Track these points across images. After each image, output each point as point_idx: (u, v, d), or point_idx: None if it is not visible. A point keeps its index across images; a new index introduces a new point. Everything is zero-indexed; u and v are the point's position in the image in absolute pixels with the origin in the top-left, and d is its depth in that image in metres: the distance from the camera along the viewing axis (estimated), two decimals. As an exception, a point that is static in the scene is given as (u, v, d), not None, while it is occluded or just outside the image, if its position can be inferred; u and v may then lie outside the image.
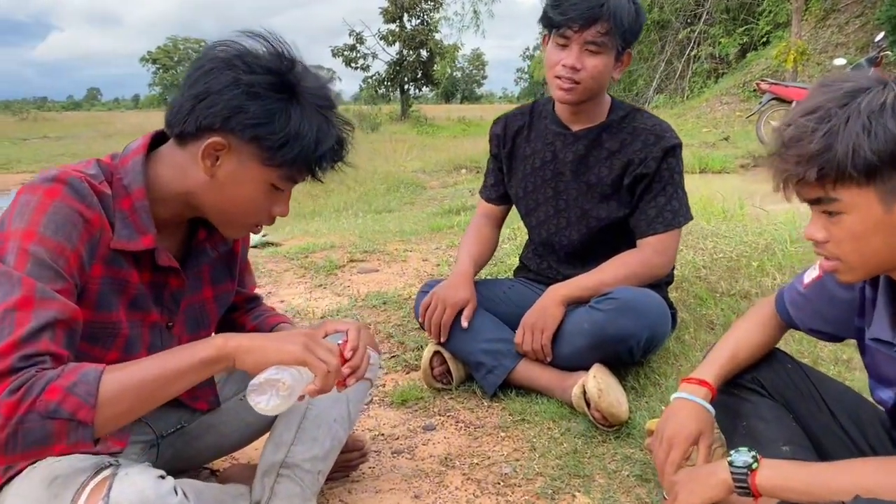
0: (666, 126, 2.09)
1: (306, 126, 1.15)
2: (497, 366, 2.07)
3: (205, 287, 1.39)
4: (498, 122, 2.31)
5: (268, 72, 1.14)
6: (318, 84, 1.20)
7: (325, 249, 3.89)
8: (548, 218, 2.20)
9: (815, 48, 13.81)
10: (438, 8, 28.26)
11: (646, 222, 2.06)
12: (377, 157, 11.02)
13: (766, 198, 6.67)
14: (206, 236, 1.34)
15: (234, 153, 1.16)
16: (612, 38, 1.92)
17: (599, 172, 2.10)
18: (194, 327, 1.38)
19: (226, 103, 1.12)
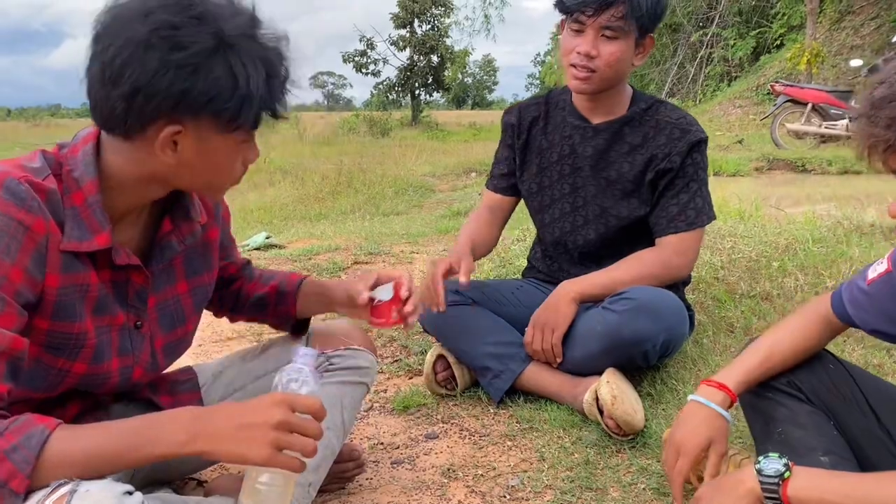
0: (691, 119, 1.97)
1: (254, 76, 1.01)
2: (504, 370, 1.96)
3: (178, 282, 1.28)
4: (511, 112, 2.17)
5: (190, 35, 0.97)
6: (236, 16, 1.02)
7: (329, 251, 3.79)
8: (563, 215, 2.07)
9: (830, 50, 13.64)
10: (449, 13, 28.20)
11: (666, 220, 1.93)
12: (386, 161, 10.93)
13: (782, 200, 6.55)
14: (171, 228, 1.22)
15: (191, 133, 1.03)
16: (630, 22, 1.80)
17: (620, 168, 1.97)
18: (169, 325, 1.27)
19: (166, 92, 0.97)
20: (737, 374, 1.31)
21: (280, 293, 1.48)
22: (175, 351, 1.33)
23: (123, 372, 1.20)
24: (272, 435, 0.97)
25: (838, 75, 13.23)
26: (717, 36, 16.77)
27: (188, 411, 1.01)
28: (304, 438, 1.00)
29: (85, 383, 1.16)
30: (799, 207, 5.82)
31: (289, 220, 5.76)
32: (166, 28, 0.97)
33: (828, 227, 3.23)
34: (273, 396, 1.02)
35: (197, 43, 0.98)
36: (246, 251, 3.98)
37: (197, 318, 1.35)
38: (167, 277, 1.25)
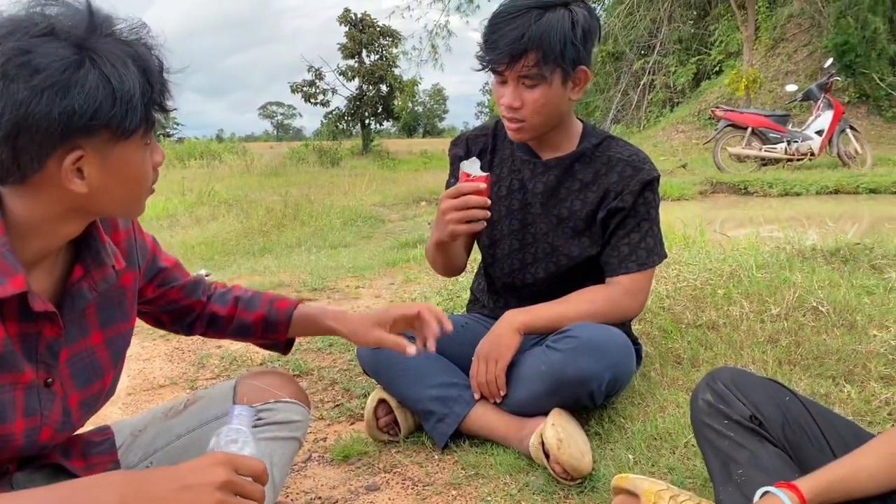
0: (643, 157, 1.92)
1: (127, 74, 0.94)
2: (448, 414, 1.87)
3: (92, 332, 1.18)
4: (458, 144, 2.10)
5: (48, 56, 0.89)
6: (83, 21, 0.94)
7: (271, 288, 3.67)
8: (512, 252, 2.01)
9: (767, 76, 14.12)
10: (397, 43, 28.37)
11: (618, 259, 1.89)
12: (336, 191, 10.81)
13: (725, 223, 6.66)
14: (82, 275, 1.12)
15: (92, 154, 0.96)
16: (547, 66, 1.72)
17: (572, 206, 1.92)
18: (84, 381, 1.16)
19: (47, 120, 0.89)
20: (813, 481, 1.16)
21: (268, 322, 1.45)
22: (93, 407, 1.22)
23: (29, 434, 1.09)
24: (217, 496, 0.91)
25: (775, 100, 13.68)
26: (659, 63, 17.23)
27: (120, 475, 0.93)
28: (251, 501, 0.94)
29: None
30: (742, 230, 5.92)
31: (231, 255, 5.59)
32: (18, 55, 0.89)
33: (770, 253, 3.25)
34: (215, 456, 0.97)
35: (56, 60, 0.90)
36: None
37: (116, 371, 1.25)
38: (80, 328, 1.15)
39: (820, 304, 2.45)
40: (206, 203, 8.83)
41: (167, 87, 1.02)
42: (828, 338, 2.26)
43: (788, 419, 1.30)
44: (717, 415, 1.35)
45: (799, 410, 1.31)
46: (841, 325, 2.34)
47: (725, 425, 1.32)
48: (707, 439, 1.37)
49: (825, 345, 2.21)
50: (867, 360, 2.08)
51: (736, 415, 1.32)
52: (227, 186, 11.04)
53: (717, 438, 1.33)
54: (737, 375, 1.40)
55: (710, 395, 1.37)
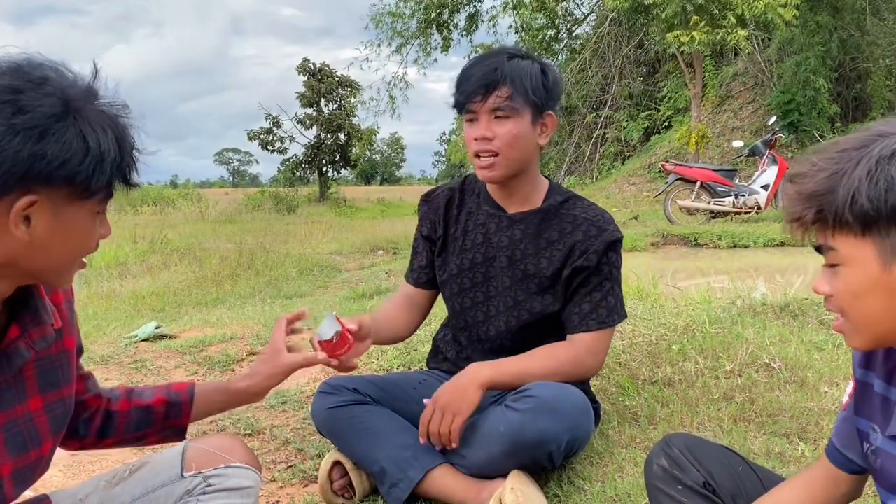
0: (608, 217, 1.96)
1: (103, 137, 0.97)
2: (402, 479, 1.83)
3: (31, 396, 1.12)
4: (428, 201, 2.12)
5: (35, 101, 0.93)
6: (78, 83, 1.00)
7: (223, 341, 3.58)
8: (475, 305, 2.01)
9: (714, 131, 14.63)
10: (355, 93, 28.65)
11: (579, 317, 1.90)
12: (292, 239, 10.73)
13: (677, 274, 6.79)
14: (19, 333, 1.07)
15: (46, 204, 0.95)
16: (517, 100, 1.81)
17: (538, 263, 1.93)
18: (20, 448, 1.10)
19: (14, 158, 0.90)
20: None
21: (171, 404, 1.36)
22: (28, 478, 1.15)
23: None
24: None
25: (722, 154, 14.16)
26: (610, 118, 17.73)
27: None
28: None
29: None
30: (693, 280, 6.04)
31: (183, 305, 5.46)
32: (8, 92, 0.92)
33: (723, 308, 3.31)
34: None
35: (42, 106, 0.93)
36: (133, 342, 3.71)
37: (55, 440, 1.18)
38: (17, 392, 1.09)
39: (772, 360, 2.49)
40: (159, 251, 8.65)
41: (136, 163, 1.04)
42: (781, 395, 2.29)
43: (741, 489, 1.30)
44: (671, 480, 1.35)
45: (752, 480, 1.31)
46: (793, 381, 2.37)
47: (679, 491, 1.32)
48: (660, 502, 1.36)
49: (778, 402, 2.24)
50: (819, 418, 2.11)
51: (690, 481, 1.32)
52: (181, 234, 10.87)
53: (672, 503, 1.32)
54: (691, 441, 1.40)
55: (664, 461, 1.37)
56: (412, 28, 18.54)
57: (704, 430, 2.14)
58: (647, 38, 16.68)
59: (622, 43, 17.69)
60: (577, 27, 19.80)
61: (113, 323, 4.39)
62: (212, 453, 1.39)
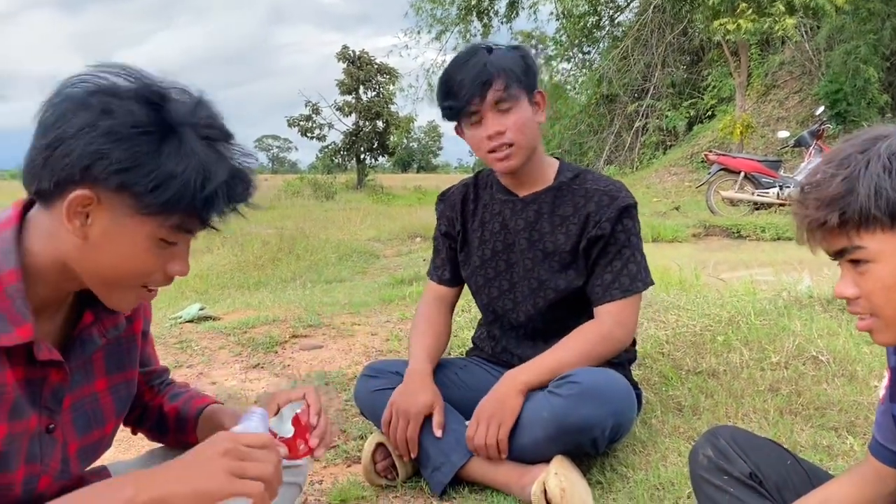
0: (619, 185, 1.96)
1: (183, 164, 0.94)
2: (444, 463, 1.84)
3: (97, 378, 1.15)
4: (444, 200, 2.15)
5: (129, 109, 0.94)
6: (203, 114, 0.98)
7: (266, 324, 3.63)
8: (501, 293, 2.02)
9: (758, 121, 14.31)
10: (394, 81, 28.69)
11: (602, 288, 1.90)
12: (331, 225, 10.82)
13: (719, 266, 6.69)
14: (93, 320, 1.10)
15: (104, 206, 0.95)
16: (514, 89, 1.83)
17: (556, 240, 1.94)
18: (85, 427, 1.13)
19: (83, 149, 0.91)
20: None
21: (180, 419, 1.33)
22: (91, 455, 1.19)
23: (28, 482, 1.05)
24: (224, 461, 0.93)
25: (766, 145, 13.85)
26: (652, 107, 17.45)
27: (132, 472, 0.95)
28: (260, 463, 0.95)
29: None
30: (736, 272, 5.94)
31: (226, 288, 5.55)
32: (108, 94, 0.94)
33: (768, 300, 3.25)
34: (215, 435, 0.99)
35: (130, 116, 0.93)
36: (178, 323, 3.79)
37: (118, 420, 1.21)
38: (85, 374, 1.12)
39: (820, 353, 2.45)
40: (201, 235, 8.73)
41: (221, 207, 0.99)
42: (829, 388, 2.25)
43: (788, 483, 1.29)
44: (716, 470, 1.35)
45: (799, 475, 1.30)
46: (841, 375, 2.33)
47: (725, 481, 1.31)
48: (706, 494, 1.36)
49: (826, 395, 2.20)
50: (869, 412, 2.07)
51: (736, 471, 1.32)
52: (222, 218, 10.99)
53: (717, 494, 1.32)
54: (738, 434, 1.40)
55: (710, 451, 1.37)
56: (452, 15, 18.46)
57: (749, 421, 2.11)
58: (692, 26, 16.35)
59: (665, 30, 17.36)
60: (619, 14, 19.51)
61: (158, 304, 4.49)
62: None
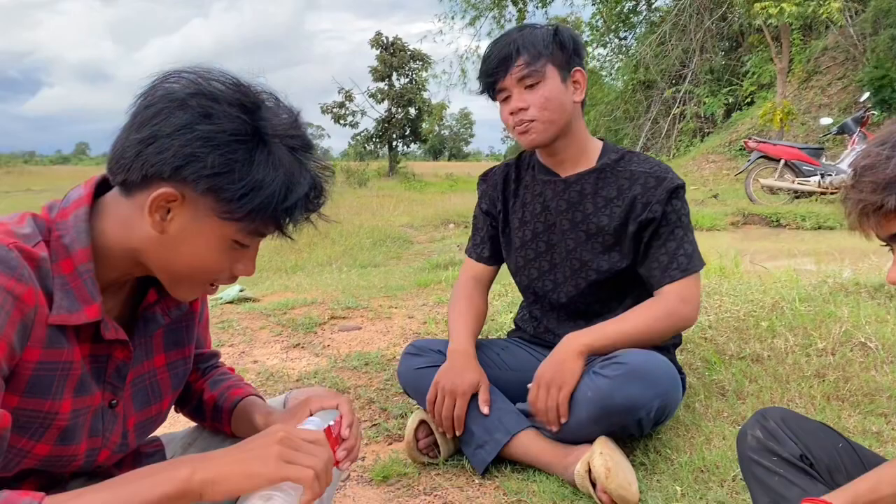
0: (665, 167, 1.94)
1: (272, 173, 0.96)
2: (488, 441, 1.85)
3: (156, 355, 1.17)
4: (486, 178, 2.15)
5: (227, 115, 0.95)
6: (288, 124, 1.01)
7: (305, 305, 3.68)
8: (542, 274, 2.02)
9: (799, 108, 14.00)
10: (427, 67, 28.66)
11: (660, 271, 1.88)
12: (364, 211, 10.87)
13: (758, 255, 6.57)
14: (156, 299, 1.12)
15: (187, 205, 0.96)
16: (538, 64, 1.83)
17: (599, 221, 1.93)
18: (144, 402, 1.16)
19: (177, 150, 0.93)
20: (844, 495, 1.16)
21: (216, 408, 1.33)
22: (148, 430, 1.21)
23: (90, 454, 1.08)
24: (277, 448, 0.94)
25: (807, 132, 13.56)
26: (690, 93, 17.17)
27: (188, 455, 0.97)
28: (312, 456, 0.96)
29: (45, 465, 1.04)
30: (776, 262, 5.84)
31: (264, 271, 5.62)
32: (208, 98, 0.95)
33: (813, 286, 3.19)
34: (271, 427, 1.00)
35: (228, 123, 0.95)
36: (219, 304, 3.85)
37: (174, 395, 1.24)
38: (145, 351, 1.15)
39: (868, 339, 2.40)
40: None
41: (298, 217, 1.02)
42: (877, 374, 2.21)
43: (840, 465, 1.27)
44: (765, 452, 1.33)
45: (851, 458, 1.28)
46: (891, 361, 2.28)
47: (774, 462, 1.29)
48: (755, 476, 1.34)
49: (875, 382, 2.16)
50: (920, 399, 2.02)
51: (786, 453, 1.30)
52: (258, 203, 11.11)
53: (766, 475, 1.30)
54: (788, 416, 1.38)
55: (759, 432, 1.35)
56: (486, 0, 18.34)
57: (795, 406, 2.08)
58: (731, 11, 16.04)
59: (704, 15, 17.05)
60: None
61: (199, 285, 4.55)
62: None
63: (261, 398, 1.34)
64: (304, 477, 0.93)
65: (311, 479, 0.93)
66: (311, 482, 0.93)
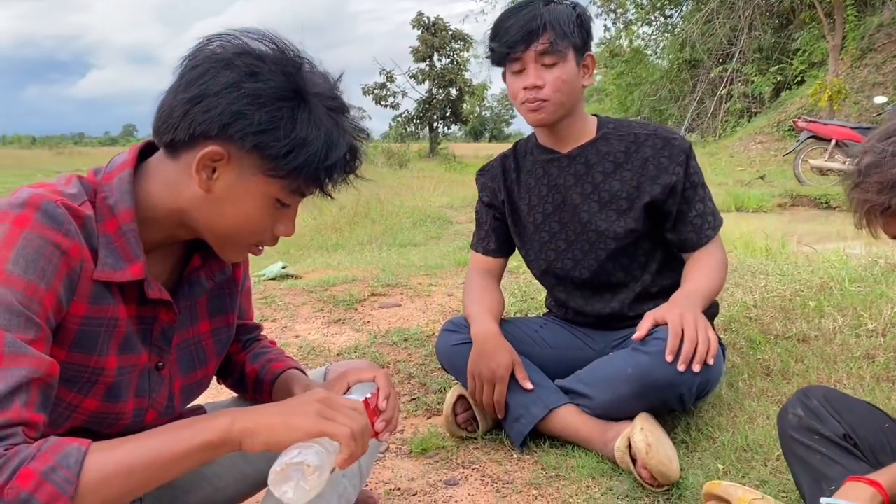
0: (666, 127, 1.99)
1: (314, 132, 0.99)
2: (524, 414, 1.85)
3: (201, 320, 1.20)
4: (484, 172, 2.14)
5: (272, 74, 0.98)
6: (328, 86, 1.03)
7: (346, 283, 3.71)
8: (559, 254, 2.00)
9: (852, 87, 13.54)
10: (468, 47, 28.48)
11: (695, 234, 1.92)
12: (404, 192, 10.90)
13: (806, 237, 6.41)
14: (201, 264, 1.15)
15: (233, 164, 0.99)
16: (561, 45, 1.81)
17: (611, 187, 1.93)
18: (189, 367, 1.19)
19: (224, 108, 0.96)
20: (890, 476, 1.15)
21: (258, 381, 1.35)
22: (193, 394, 1.24)
23: (137, 414, 1.12)
24: (317, 405, 0.97)
25: (860, 112, 13.13)
26: (738, 72, 16.74)
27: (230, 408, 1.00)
28: (350, 418, 0.98)
29: (94, 422, 1.07)
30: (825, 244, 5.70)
31: (306, 249, 5.70)
32: (253, 57, 0.98)
33: (864, 267, 3.10)
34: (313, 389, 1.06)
35: (273, 82, 0.97)
36: (262, 280, 3.91)
37: (218, 361, 1.27)
38: (190, 316, 1.18)
39: (921, 321, 2.33)
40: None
41: (338, 177, 1.05)
42: (930, 356, 2.14)
43: (886, 446, 1.24)
44: (806, 430, 1.31)
45: None
46: (945, 343, 2.21)
47: (816, 440, 1.27)
48: (795, 454, 1.32)
49: (928, 364, 2.09)
50: (976, 382, 1.96)
51: (828, 431, 1.27)
52: (300, 184, 11.23)
53: (807, 453, 1.28)
54: (831, 394, 1.35)
55: (801, 410, 1.33)
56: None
57: (843, 387, 2.03)
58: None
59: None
60: (704, -25, 18.73)
61: (242, 262, 4.63)
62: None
63: (302, 371, 1.36)
64: (341, 434, 0.95)
65: (348, 437, 0.95)
66: (348, 440, 0.95)
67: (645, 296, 1.98)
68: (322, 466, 0.92)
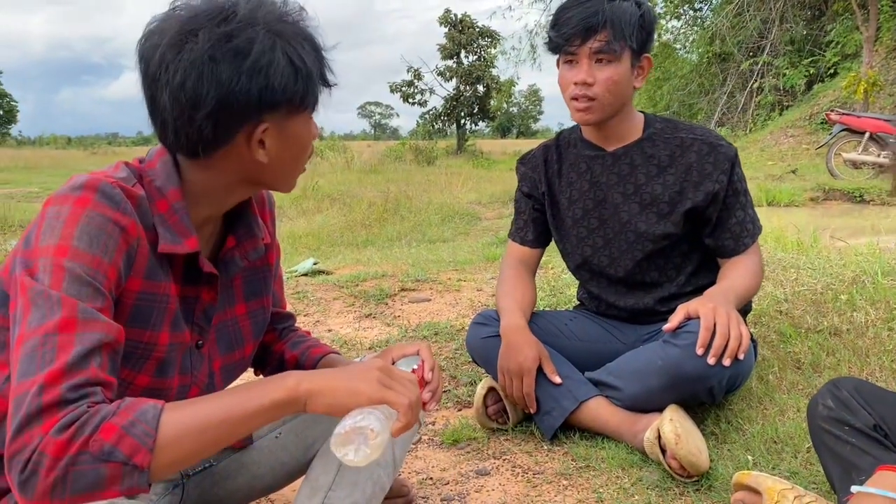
0: (712, 132, 1.97)
1: (306, 55, 1.05)
2: (554, 407, 1.87)
3: (238, 302, 1.25)
4: (525, 162, 2.14)
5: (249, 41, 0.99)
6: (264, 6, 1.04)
7: (376, 278, 3.76)
8: (596, 251, 2.01)
9: (887, 79, 13.29)
10: (496, 44, 28.44)
11: (733, 241, 1.91)
12: (432, 188, 10.94)
13: (839, 231, 6.31)
14: (235, 244, 1.20)
15: (273, 126, 1.05)
16: (618, 43, 1.79)
17: (653, 190, 1.92)
18: (228, 347, 1.24)
19: (247, 97, 1.00)
20: None
21: (299, 366, 1.39)
22: (232, 374, 1.29)
23: (181, 391, 1.17)
24: (378, 373, 1.01)
25: (895, 104, 12.87)
26: (769, 65, 16.50)
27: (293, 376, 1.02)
28: (406, 388, 1.02)
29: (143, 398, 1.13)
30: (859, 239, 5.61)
31: (336, 246, 5.77)
32: (223, 40, 0.99)
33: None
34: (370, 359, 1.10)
35: (256, 43, 1.00)
36: (294, 276, 3.97)
37: (255, 343, 1.31)
38: (227, 297, 1.22)
39: (956, 314, 2.30)
40: (311, 197, 9.12)
41: (329, 64, 1.10)
42: (965, 350, 2.12)
43: None
44: (836, 421, 1.31)
45: None
46: (980, 337, 2.19)
47: (846, 431, 1.28)
48: (825, 445, 1.33)
49: (962, 357, 2.08)
50: None
51: (859, 423, 1.28)
52: (330, 182, 11.35)
53: (837, 444, 1.29)
54: (862, 385, 1.35)
55: (831, 401, 1.34)
56: (556, -25, 18.01)
57: (875, 380, 2.03)
58: (815, -23, 15.29)
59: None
60: (734, -33, 18.49)
61: (274, 259, 4.71)
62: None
63: (340, 356, 1.41)
64: (401, 402, 0.99)
65: (407, 406, 0.99)
66: (406, 409, 0.99)
67: (679, 295, 1.98)
68: (383, 432, 0.95)
